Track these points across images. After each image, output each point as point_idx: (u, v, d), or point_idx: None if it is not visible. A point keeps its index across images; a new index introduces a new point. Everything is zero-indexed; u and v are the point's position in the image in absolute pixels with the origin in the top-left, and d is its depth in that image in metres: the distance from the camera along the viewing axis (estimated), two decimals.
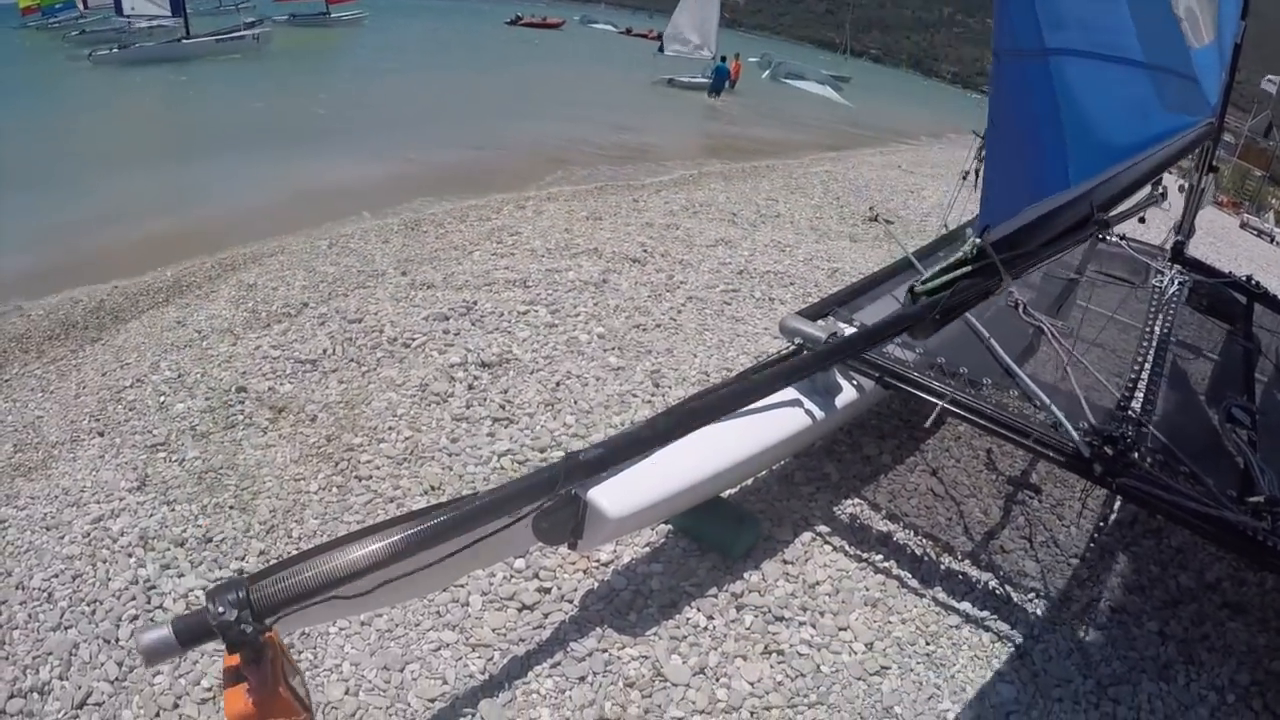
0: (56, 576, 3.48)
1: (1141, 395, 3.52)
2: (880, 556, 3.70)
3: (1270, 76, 32.63)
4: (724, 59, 31.72)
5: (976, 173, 4.16)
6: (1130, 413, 3.29)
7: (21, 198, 12.00)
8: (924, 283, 2.98)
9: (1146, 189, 4.88)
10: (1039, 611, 3.48)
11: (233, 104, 22.74)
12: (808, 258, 7.68)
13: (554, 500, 2.85)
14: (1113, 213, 3.65)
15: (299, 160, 13.74)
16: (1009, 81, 2.78)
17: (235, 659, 1.66)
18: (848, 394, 3.84)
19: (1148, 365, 3.79)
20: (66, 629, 3.21)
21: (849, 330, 3.77)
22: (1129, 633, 3.42)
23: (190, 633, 1.65)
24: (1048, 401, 3.06)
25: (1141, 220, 5.47)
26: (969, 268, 2.88)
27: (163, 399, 5.03)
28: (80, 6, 51.29)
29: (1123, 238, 5.41)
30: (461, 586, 3.39)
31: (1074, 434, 2.94)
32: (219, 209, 11.29)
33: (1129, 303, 4.50)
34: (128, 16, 43.17)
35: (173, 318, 6.60)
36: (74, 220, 10.82)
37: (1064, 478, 4.27)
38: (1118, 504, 4.20)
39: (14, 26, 61.27)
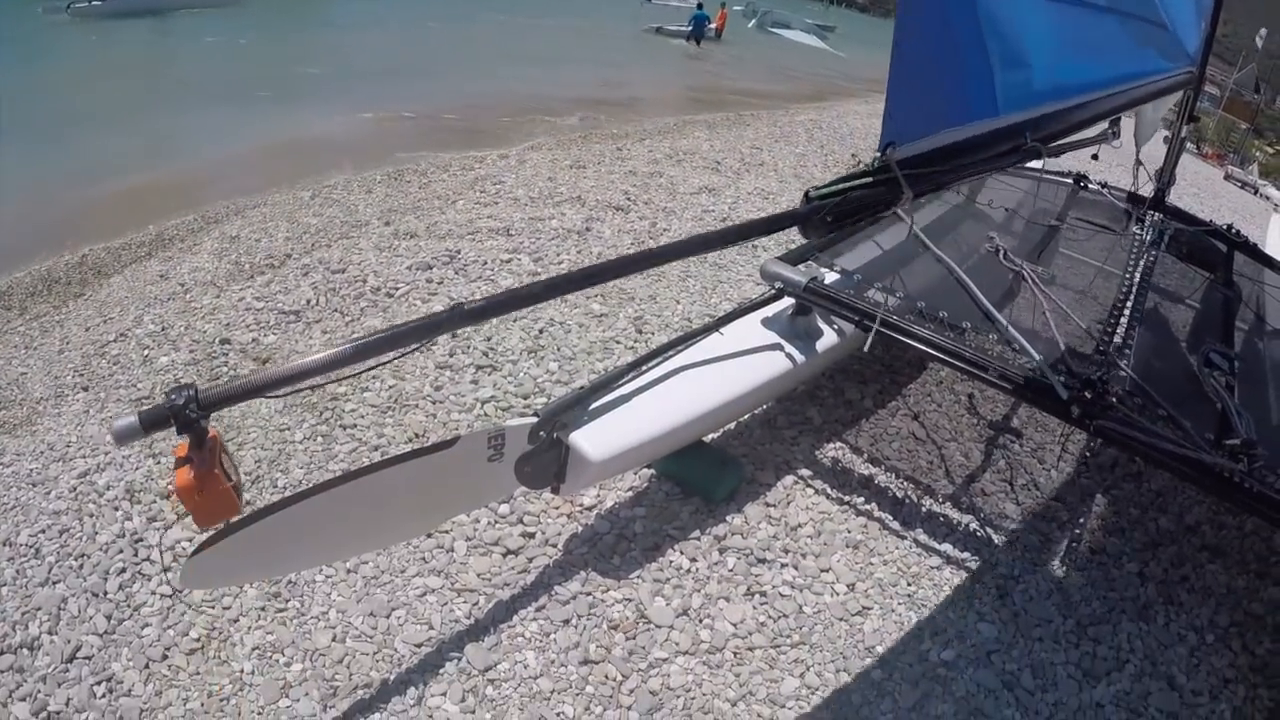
0: (44, 532, 3.48)
1: (1119, 339, 3.54)
2: (862, 499, 3.74)
3: (1262, 30, 32.48)
4: (700, 6, 31.34)
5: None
6: (1108, 356, 3.31)
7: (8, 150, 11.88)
8: (818, 189, 3.05)
9: (1102, 126, 4.88)
10: (1019, 553, 3.53)
11: (215, 57, 22.50)
12: (792, 204, 7.63)
13: (537, 445, 2.90)
14: (1053, 144, 3.68)
15: (282, 113, 13.60)
16: (920, 8, 2.86)
17: (184, 449, 1.98)
18: (828, 338, 3.87)
19: (1127, 310, 3.81)
20: (55, 584, 3.22)
21: (830, 275, 3.79)
22: (1109, 574, 3.47)
23: (150, 419, 1.93)
24: (1025, 344, 3.07)
25: (1095, 158, 5.47)
26: (868, 179, 2.99)
27: (147, 353, 5.02)
28: None
29: (1104, 185, 5.42)
30: (446, 533, 3.43)
31: (1052, 376, 2.96)
32: (201, 162, 11.19)
33: (1110, 250, 4.52)
34: None
35: (156, 271, 6.59)
36: (55, 175, 10.68)
37: (1045, 422, 4.31)
38: (1098, 446, 4.24)
39: None
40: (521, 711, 2.74)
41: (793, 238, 4.00)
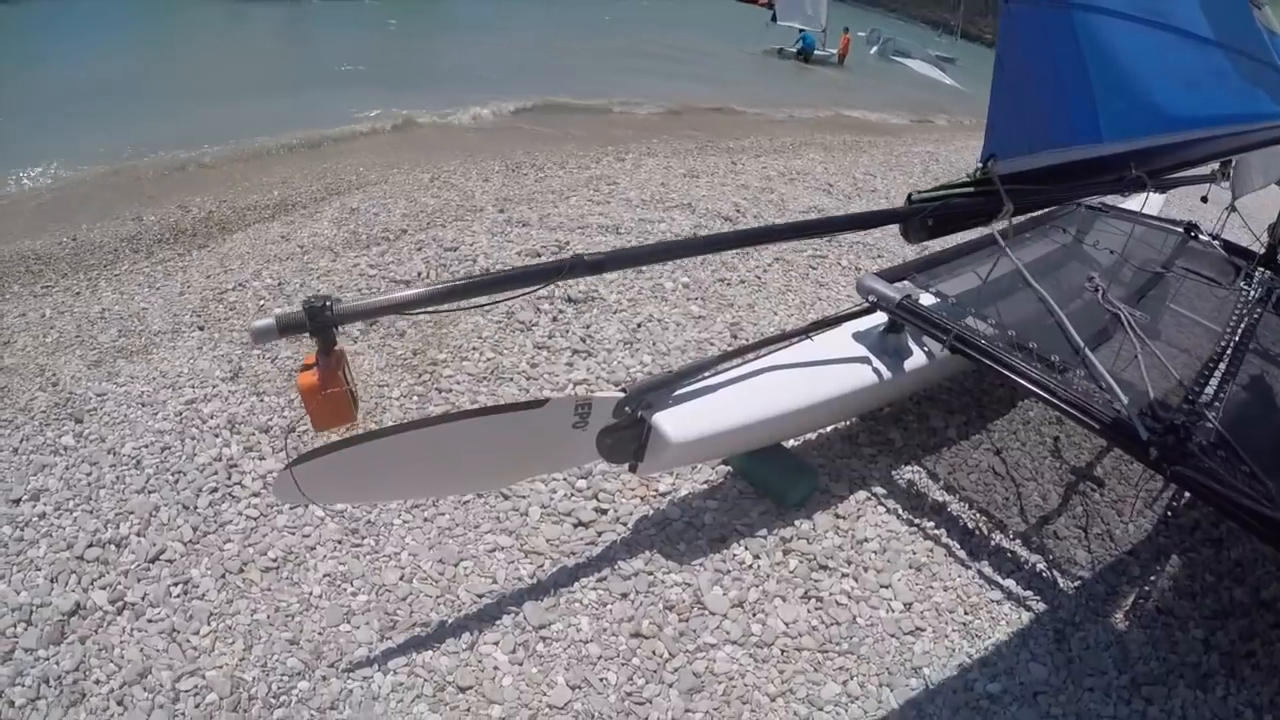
0: (146, 447, 3.77)
1: (1211, 391, 3.48)
2: (932, 524, 3.73)
3: None
4: (804, 32, 31.49)
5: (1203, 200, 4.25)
6: (1195, 405, 3.26)
7: (144, 113, 12.50)
8: (921, 193, 3.15)
9: (1213, 166, 4.78)
10: (1083, 601, 3.47)
11: (347, 40, 23.18)
12: (899, 232, 7.62)
13: (621, 419, 2.99)
14: (1160, 178, 3.65)
15: (409, 99, 13.99)
16: (1020, 28, 2.93)
17: (312, 358, 2.15)
18: (917, 359, 3.89)
19: (1223, 364, 3.74)
20: (150, 493, 3.50)
21: (925, 296, 3.81)
22: (1172, 636, 3.38)
23: (287, 322, 2.08)
24: (1112, 382, 3.05)
25: (1204, 200, 5.35)
26: (970, 188, 3.06)
27: (261, 303, 5.29)
28: None
29: (1215, 237, 5.30)
30: (523, 498, 3.56)
31: (1135, 416, 2.93)
32: (327, 136, 11.60)
33: (1213, 303, 4.43)
34: None
35: (277, 232, 6.91)
36: (191, 136, 11.22)
37: (1128, 474, 4.24)
38: (1180, 505, 4.15)
39: None
40: (568, 670, 2.84)
41: (895, 264, 4.03)
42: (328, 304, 2.09)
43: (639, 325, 5.14)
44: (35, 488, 3.54)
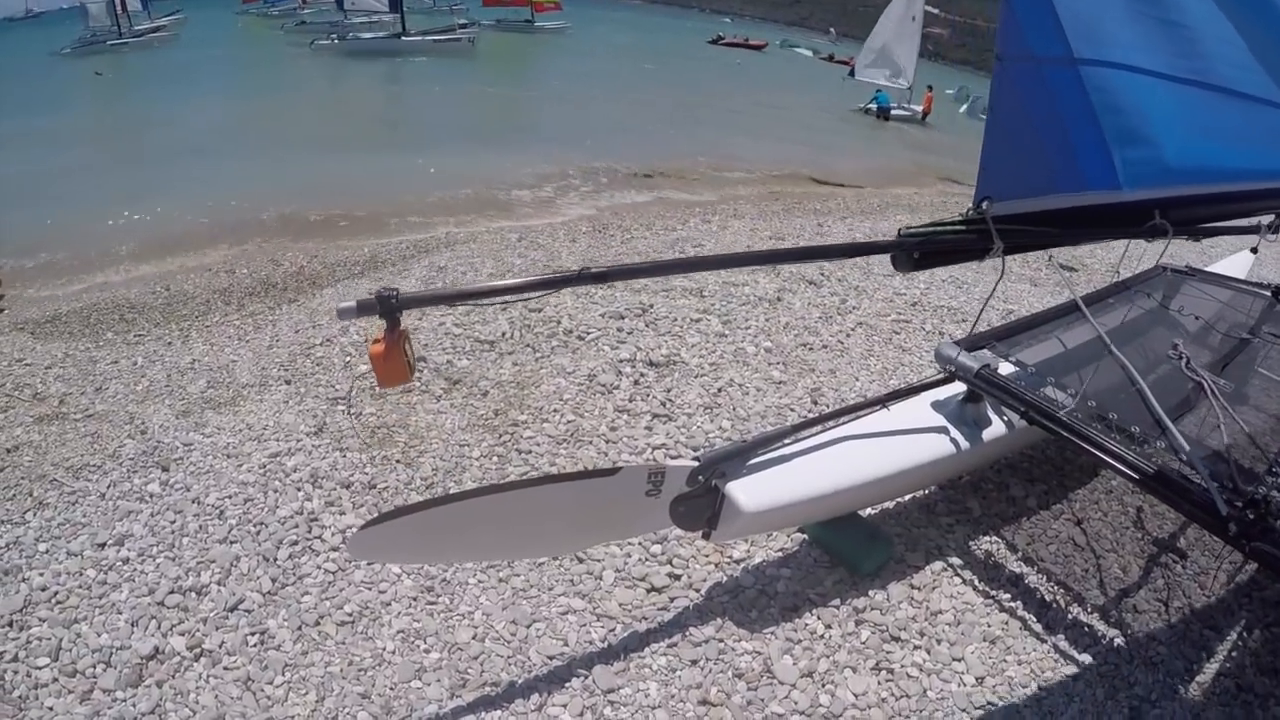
0: (230, 498, 3.92)
1: None
2: (1008, 596, 3.66)
3: None
4: (880, 92, 31.65)
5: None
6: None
7: (248, 165, 12.98)
8: (910, 228, 3.18)
9: (1262, 220, 4.66)
10: (1160, 676, 3.36)
11: (441, 98, 23.87)
12: (984, 296, 7.55)
13: (694, 488, 3.01)
14: (1190, 228, 3.61)
15: (498, 158, 14.33)
16: (1017, 82, 2.96)
17: (382, 335, 2.52)
18: (996, 428, 3.84)
19: None
20: (232, 543, 3.63)
21: (1004, 365, 3.78)
22: (1251, 714, 3.26)
23: (365, 305, 2.46)
24: (1190, 453, 2.99)
25: (1254, 251, 5.20)
26: (960, 226, 3.10)
27: (348, 359, 5.44)
28: (300, 1, 54.59)
29: None
30: (598, 561, 3.60)
31: (1214, 489, 2.86)
32: (421, 194, 11.93)
33: None
34: (347, 10, 45.80)
35: (365, 289, 7.09)
36: (288, 190, 11.64)
37: (1212, 546, 4.12)
38: (1267, 579, 4.03)
39: (235, 12, 66.47)
40: None
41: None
42: (395, 294, 2.49)
43: (719, 390, 5.16)
44: (120, 533, 3.71)
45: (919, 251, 3.17)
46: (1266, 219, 4.65)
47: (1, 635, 3.15)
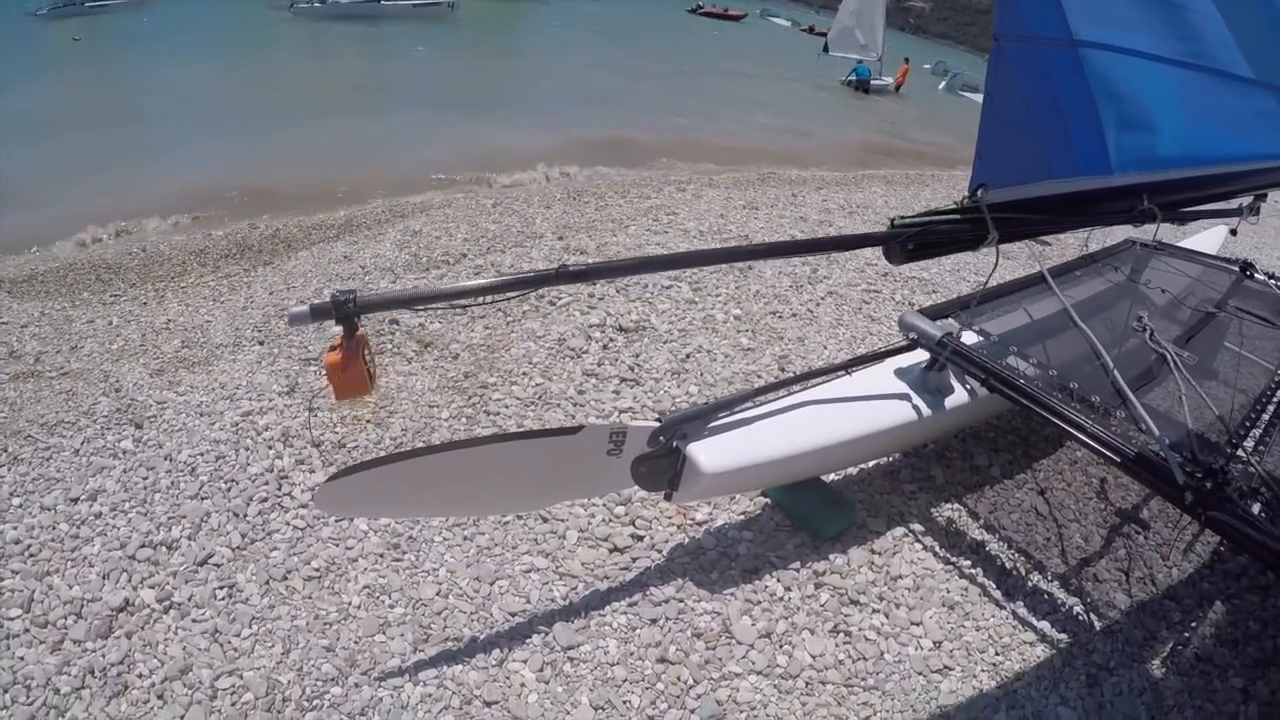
0: (202, 455, 3.97)
1: (1256, 435, 3.44)
2: (968, 563, 3.72)
3: None
4: (859, 63, 31.73)
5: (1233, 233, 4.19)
6: (1237, 448, 3.20)
7: (224, 130, 12.90)
8: (904, 218, 3.20)
9: (1242, 201, 4.71)
10: (1119, 645, 3.42)
11: (421, 64, 23.76)
12: (955, 268, 7.58)
13: (655, 448, 3.05)
14: (1175, 211, 3.60)
15: (474, 124, 14.31)
16: (1014, 64, 2.96)
17: (340, 341, 2.44)
18: (959, 397, 3.89)
19: (1271, 407, 3.70)
20: (202, 499, 3.67)
21: (968, 334, 3.83)
22: (1210, 684, 3.32)
23: (318, 310, 2.34)
24: (1150, 423, 3.01)
25: (1233, 233, 5.25)
26: (955, 215, 3.12)
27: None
28: None
29: (1272, 277, 5.20)
30: (561, 521, 3.65)
31: (1171, 458, 2.90)
32: (396, 159, 11.91)
33: (1267, 343, 4.36)
34: None
35: (340, 252, 7.13)
36: (263, 154, 11.59)
37: (1175, 518, 4.19)
38: (1229, 551, 4.09)
39: None
40: (592, 691, 2.89)
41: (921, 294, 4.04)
42: (352, 297, 2.37)
43: (688, 356, 5.21)
44: (93, 488, 3.74)
45: (913, 243, 3.20)
46: (1246, 200, 4.69)
47: None
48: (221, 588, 3.21)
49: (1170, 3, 3.05)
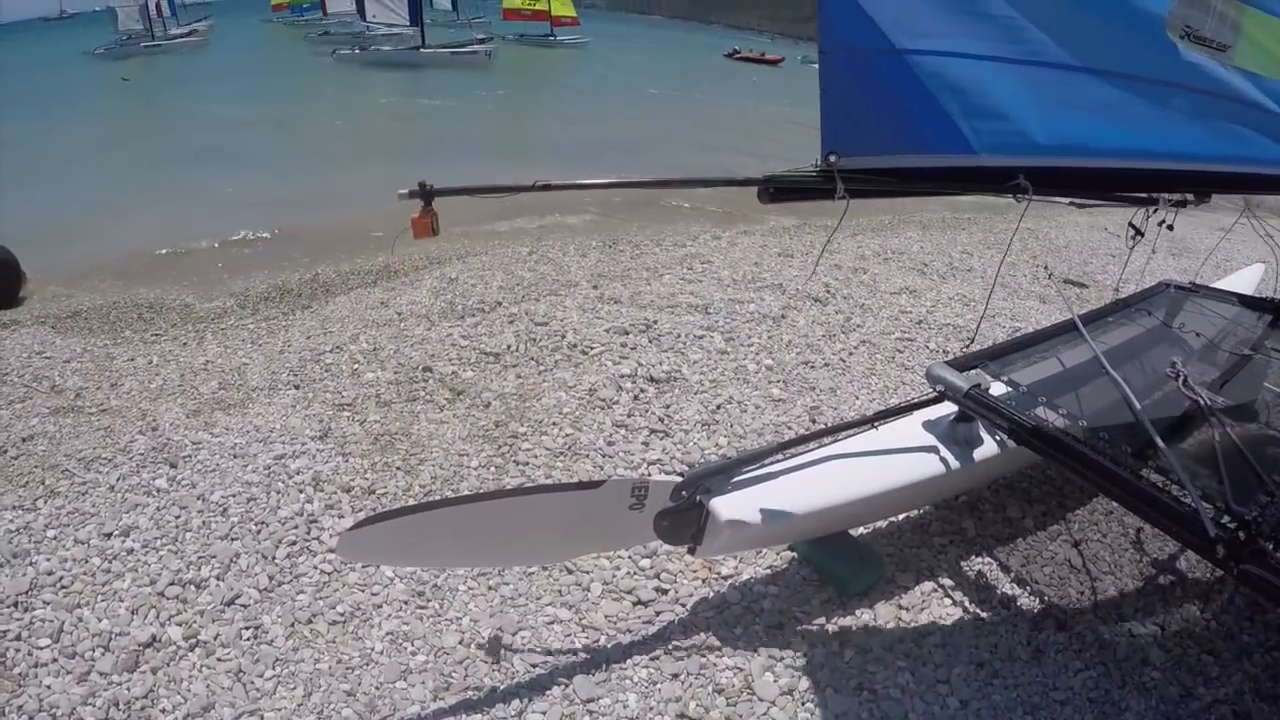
0: (234, 496, 4.03)
1: None
2: (999, 619, 3.66)
3: None
4: None
5: (1139, 233, 4.13)
6: (1274, 498, 3.08)
7: (267, 172, 13.15)
8: (774, 174, 3.34)
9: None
10: (1153, 703, 3.33)
11: (460, 113, 24.10)
12: (991, 315, 7.53)
13: (678, 503, 3.06)
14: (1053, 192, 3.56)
15: (513, 169, 14.47)
16: (844, 71, 3.08)
17: (421, 210, 3.14)
18: (989, 448, 3.84)
19: None
20: (232, 540, 3.73)
21: (996, 385, 3.80)
22: None
23: (412, 192, 3.12)
24: (1181, 473, 2.95)
25: (1169, 226, 5.06)
26: (813, 174, 3.21)
27: (356, 366, 5.54)
28: (322, 12, 55.66)
29: None
30: (586, 573, 3.64)
31: (1203, 510, 2.81)
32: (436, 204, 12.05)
33: None
34: (369, 23, 46.56)
35: (377, 298, 7.25)
36: (304, 197, 11.80)
37: (1213, 569, 4.10)
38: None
39: (262, 19, 67.83)
40: None
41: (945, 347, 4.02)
42: (430, 186, 3.12)
43: (718, 407, 5.20)
44: (126, 524, 3.82)
45: (774, 188, 3.31)
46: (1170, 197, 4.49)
47: (6, 615, 3.26)
48: (247, 628, 3.25)
49: (984, 15, 3.10)
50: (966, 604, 3.73)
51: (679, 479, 3.08)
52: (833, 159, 3.09)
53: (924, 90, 3.07)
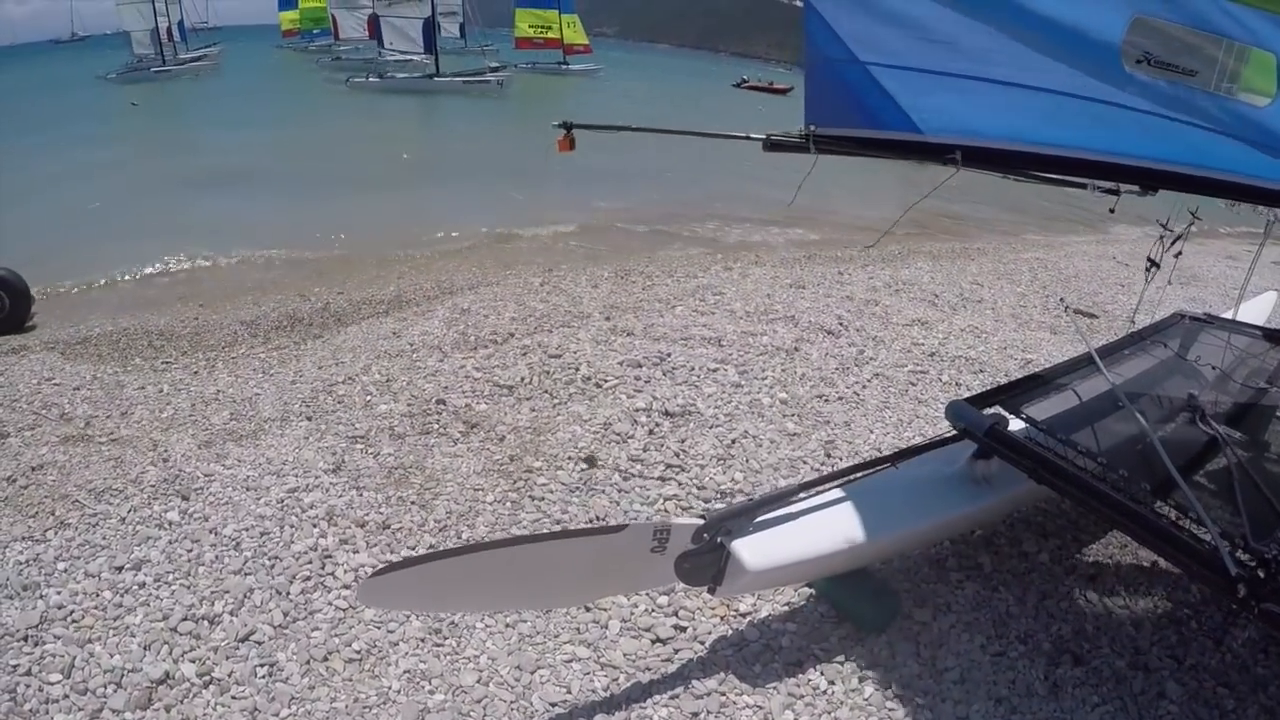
0: (247, 530, 4.01)
1: None
2: (1016, 654, 3.63)
3: None
4: None
5: (1156, 265, 4.15)
6: None
7: (279, 200, 13.21)
8: (773, 134, 3.93)
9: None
10: None
11: (472, 139, 24.22)
12: (1003, 346, 7.56)
13: (699, 545, 3.05)
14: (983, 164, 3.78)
15: (525, 198, 14.59)
16: (823, 71, 3.77)
17: (564, 135, 3.88)
18: (1007, 485, 3.83)
19: None
20: (246, 575, 3.71)
21: (1015, 422, 3.79)
22: None
23: (558, 127, 3.89)
24: (1201, 512, 2.93)
25: (1111, 211, 5.01)
26: (798, 137, 3.77)
27: (369, 398, 5.53)
28: (334, 37, 56.23)
29: None
30: (604, 611, 3.61)
31: (1224, 549, 2.81)
32: (448, 233, 12.08)
33: None
34: (384, 50, 47.08)
35: (389, 328, 7.24)
36: (317, 226, 11.84)
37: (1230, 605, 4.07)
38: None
39: (274, 45, 68.67)
40: None
41: (998, 381, 4.00)
42: (571, 122, 3.82)
43: (733, 441, 5.18)
44: (138, 558, 3.81)
45: (772, 142, 3.89)
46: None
47: (16, 649, 3.24)
48: (262, 665, 3.23)
49: (935, 41, 3.55)
50: (985, 641, 3.70)
51: (700, 521, 3.09)
52: (811, 128, 3.68)
53: (880, 90, 3.59)
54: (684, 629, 3.57)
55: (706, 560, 3.13)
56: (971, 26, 3.50)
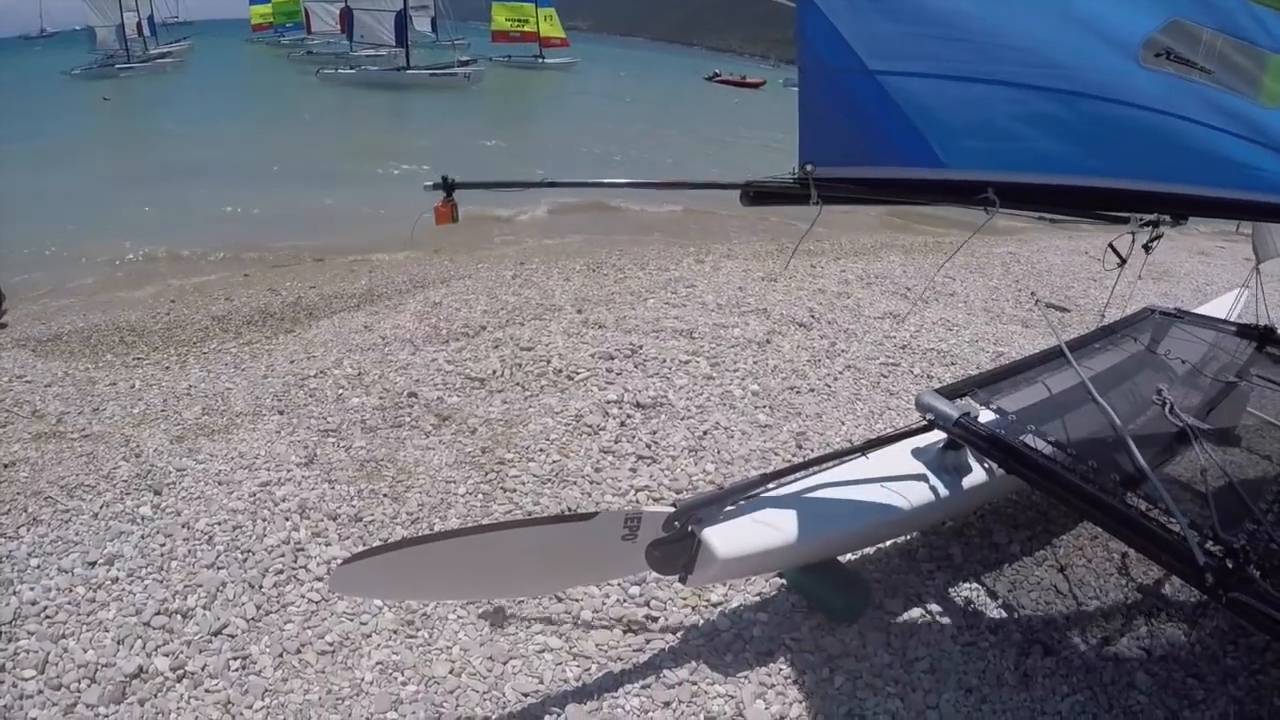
0: (219, 524, 4.00)
1: None
2: (987, 644, 3.66)
3: None
4: None
5: (1122, 259, 4.13)
6: (1262, 525, 3.12)
7: (248, 193, 13.14)
8: (752, 181, 3.38)
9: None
10: None
11: (445, 134, 24.25)
12: (974, 339, 7.60)
13: (670, 533, 3.07)
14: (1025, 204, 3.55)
15: (497, 194, 14.55)
16: (820, 86, 3.16)
17: (442, 200, 3.22)
18: (978, 476, 3.87)
19: None
20: (219, 569, 3.71)
21: (985, 413, 3.82)
22: None
23: (435, 185, 3.20)
24: (1170, 501, 2.96)
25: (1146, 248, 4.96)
26: (790, 181, 3.25)
27: (341, 392, 5.52)
28: (306, 30, 56.06)
29: None
30: (576, 601, 3.62)
31: (1191, 538, 2.84)
32: (418, 227, 12.06)
33: None
34: (355, 42, 47.07)
35: (361, 322, 7.22)
36: (287, 219, 11.78)
37: (1198, 593, 4.11)
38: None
39: (244, 39, 68.27)
40: None
41: (969, 374, 4.03)
42: (452, 180, 3.17)
43: (705, 433, 5.21)
44: (111, 553, 3.79)
45: (754, 191, 3.36)
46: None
47: None
48: (235, 658, 3.22)
49: (945, 36, 3.12)
50: (955, 630, 3.73)
51: (671, 509, 3.09)
52: (809, 168, 3.15)
53: (894, 108, 3.12)
54: (655, 619, 3.58)
55: (677, 549, 3.14)
56: (1009, 18, 3.14)
